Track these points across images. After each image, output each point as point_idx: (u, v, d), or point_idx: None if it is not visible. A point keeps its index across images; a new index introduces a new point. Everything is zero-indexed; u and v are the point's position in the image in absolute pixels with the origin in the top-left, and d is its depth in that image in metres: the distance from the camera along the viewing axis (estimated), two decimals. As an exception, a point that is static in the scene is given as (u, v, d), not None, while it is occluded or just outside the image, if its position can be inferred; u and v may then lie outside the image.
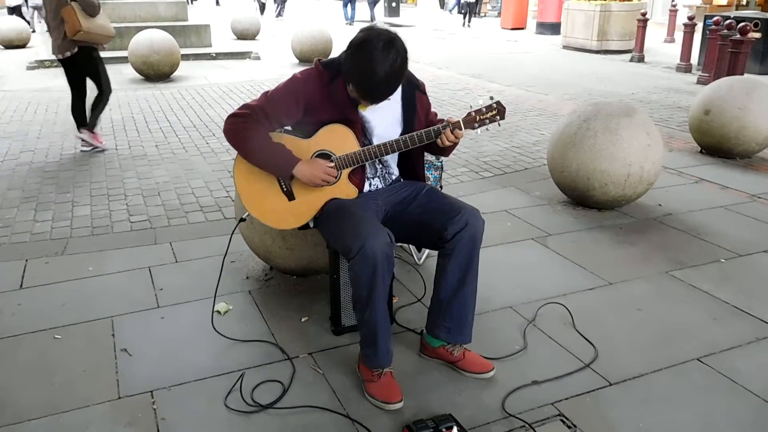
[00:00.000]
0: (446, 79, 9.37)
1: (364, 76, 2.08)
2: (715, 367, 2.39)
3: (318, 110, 2.27)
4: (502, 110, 2.31)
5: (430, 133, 2.26)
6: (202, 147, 5.67)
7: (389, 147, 2.27)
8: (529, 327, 2.65)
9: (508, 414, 2.11)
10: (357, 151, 2.28)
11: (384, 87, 2.12)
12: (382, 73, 2.05)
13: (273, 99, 2.26)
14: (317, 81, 2.27)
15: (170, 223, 3.89)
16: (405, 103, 2.38)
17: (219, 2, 30.75)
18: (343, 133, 2.29)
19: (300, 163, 2.25)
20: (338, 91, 2.26)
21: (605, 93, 8.43)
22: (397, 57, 2.06)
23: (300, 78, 2.29)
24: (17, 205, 4.16)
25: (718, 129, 5.06)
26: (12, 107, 7.36)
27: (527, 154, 5.42)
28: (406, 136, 2.26)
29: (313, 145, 2.30)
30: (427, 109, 2.46)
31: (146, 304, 2.84)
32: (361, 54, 2.07)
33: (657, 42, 14.10)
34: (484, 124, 2.31)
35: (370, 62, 2.04)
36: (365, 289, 2.09)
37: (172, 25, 11.76)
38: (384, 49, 2.04)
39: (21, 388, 2.26)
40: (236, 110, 2.27)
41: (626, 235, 3.63)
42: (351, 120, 2.28)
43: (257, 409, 2.15)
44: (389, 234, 2.11)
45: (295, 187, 2.34)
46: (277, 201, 2.36)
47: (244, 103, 2.29)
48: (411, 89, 2.40)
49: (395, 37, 2.09)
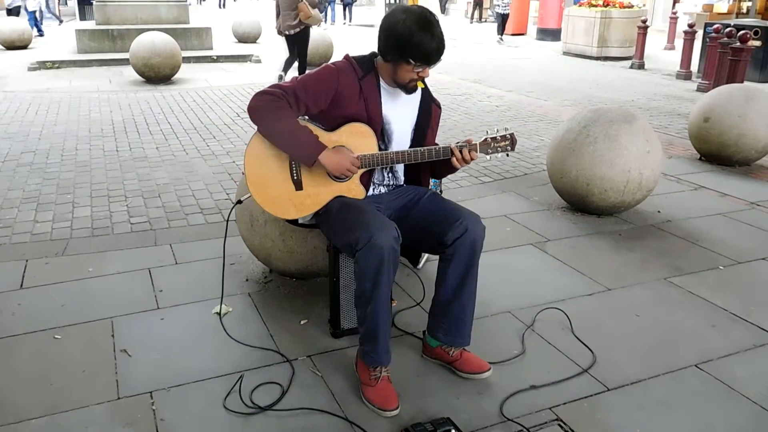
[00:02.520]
0: (446, 84, 9.40)
1: (420, 35, 2.14)
2: (713, 373, 2.40)
3: (346, 103, 2.28)
4: (514, 142, 2.39)
5: (448, 150, 2.30)
6: (203, 149, 5.68)
7: (408, 155, 2.30)
8: (528, 332, 2.66)
9: (506, 418, 2.12)
10: (378, 152, 2.30)
11: (441, 39, 2.18)
12: (437, 25, 2.17)
13: (305, 84, 2.27)
14: (351, 74, 2.30)
15: (170, 224, 3.90)
16: (422, 110, 2.44)
17: (224, 5, 30.83)
18: (366, 132, 2.30)
19: (327, 150, 2.24)
20: (369, 87, 2.29)
21: (605, 99, 8.45)
22: (433, 16, 2.22)
23: (334, 68, 2.31)
24: (18, 206, 4.17)
25: (717, 136, 5.08)
26: (13, 108, 7.37)
27: (527, 159, 5.44)
28: (424, 149, 2.30)
29: (335, 138, 2.30)
30: (438, 125, 2.52)
31: (146, 306, 2.84)
32: (409, 17, 2.15)
33: (657, 49, 14.16)
34: (496, 151, 2.37)
35: (422, 20, 2.15)
36: (370, 282, 2.09)
37: (174, 27, 11.80)
38: (422, 11, 2.19)
39: (21, 388, 2.27)
40: (266, 88, 2.27)
41: (625, 241, 3.64)
42: (373, 119, 2.31)
43: (256, 410, 2.15)
44: (396, 229, 2.13)
45: (306, 178, 2.33)
46: (283, 189, 2.34)
47: (274, 83, 2.30)
48: (429, 100, 2.46)
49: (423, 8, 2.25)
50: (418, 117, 2.44)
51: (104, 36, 11.85)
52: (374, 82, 2.31)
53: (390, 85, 2.33)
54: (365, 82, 2.29)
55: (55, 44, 13.59)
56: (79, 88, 8.80)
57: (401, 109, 2.39)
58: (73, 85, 9.15)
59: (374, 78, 2.32)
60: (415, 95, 2.41)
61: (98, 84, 9.17)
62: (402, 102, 2.38)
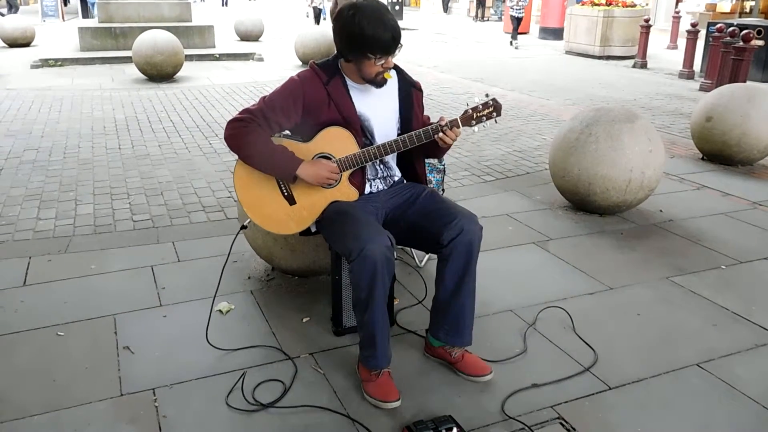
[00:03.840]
0: (449, 83, 9.39)
1: (374, 27, 2.14)
2: (715, 372, 2.40)
3: (317, 111, 2.29)
4: (498, 107, 2.34)
5: (428, 132, 2.28)
6: (205, 147, 5.68)
7: (388, 147, 2.29)
8: (530, 330, 2.66)
9: (507, 416, 2.12)
10: (357, 152, 2.29)
11: (394, 26, 2.18)
12: (387, 13, 2.18)
13: (272, 102, 2.29)
14: (315, 81, 2.30)
15: (173, 222, 3.91)
16: (402, 99, 2.42)
17: (226, 3, 30.85)
18: (343, 135, 2.31)
19: (303, 164, 2.26)
20: (337, 90, 2.29)
21: (607, 98, 8.44)
22: (382, 4, 2.24)
23: (297, 80, 2.32)
24: (20, 203, 4.18)
25: (719, 136, 5.07)
26: (16, 106, 7.38)
27: (529, 158, 5.44)
28: (404, 136, 2.28)
29: (313, 148, 2.32)
30: (422, 107, 2.51)
31: (148, 303, 2.85)
32: (358, 12, 2.16)
33: (660, 48, 14.14)
34: (481, 121, 2.34)
35: (371, 13, 2.15)
36: (364, 292, 2.11)
37: (176, 25, 11.81)
38: (369, 3, 2.20)
39: (23, 384, 2.27)
40: (236, 115, 2.29)
41: (627, 241, 3.64)
42: (349, 120, 2.31)
43: (258, 408, 2.16)
44: (389, 237, 2.13)
45: (296, 192, 2.35)
46: (278, 206, 2.37)
47: (244, 108, 2.31)
48: (407, 86, 2.45)
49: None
50: (400, 106, 2.42)
51: (107, 34, 11.86)
52: (340, 83, 2.31)
53: (359, 83, 2.33)
54: (331, 86, 2.30)
55: (57, 42, 13.60)
56: (81, 86, 8.81)
57: (378, 103, 2.37)
58: (76, 82, 9.16)
59: (340, 80, 2.32)
60: (391, 85, 2.39)
61: (101, 82, 9.18)
62: (377, 96, 2.36)
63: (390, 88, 2.39)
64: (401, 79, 2.44)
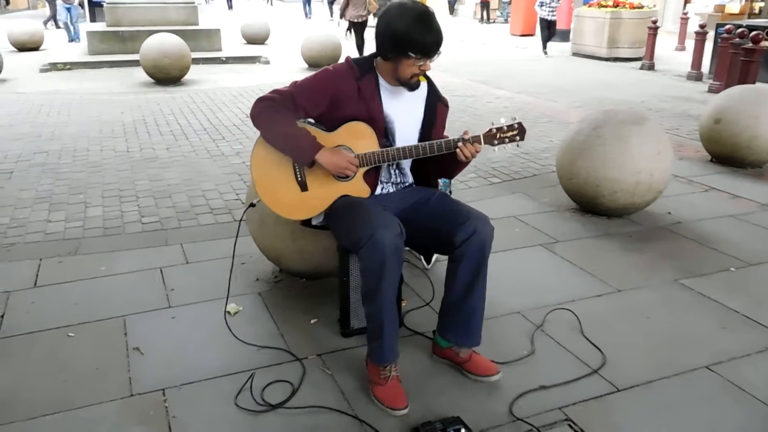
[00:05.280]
0: (455, 86, 9.39)
1: (418, 28, 2.16)
2: (724, 375, 2.39)
3: (345, 105, 2.30)
4: (522, 131, 2.36)
5: (450, 143, 2.30)
6: (213, 150, 5.71)
7: (408, 152, 2.30)
8: (537, 332, 2.66)
9: (515, 418, 2.12)
10: (378, 150, 2.30)
11: (438, 31, 2.20)
12: (434, 18, 2.19)
13: (302, 88, 2.32)
14: (349, 75, 2.32)
15: (181, 224, 3.93)
16: (428, 109, 2.44)
17: (231, 6, 30.96)
18: (366, 131, 2.31)
19: (324, 150, 2.27)
20: (368, 87, 2.31)
21: (615, 101, 8.42)
22: (429, 9, 2.25)
23: (331, 71, 2.34)
24: (30, 206, 4.21)
25: (729, 138, 5.05)
26: (25, 109, 7.45)
27: (536, 160, 5.43)
28: (425, 143, 2.29)
29: (335, 138, 2.32)
30: (444, 124, 2.52)
31: (158, 304, 2.87)
32: (406, 12, 2.17)
33: (668, 50, 14.08)
34: (503, 142, 2.36)
35: (418, 14, 2.16)
36: (373, 279, 2.10)
37: (183, 29, 11.89)
38: (417, 6, 2.20)
39: (34, 384, 2.29)
40: (265, 94, 2.32)
41: (635, 243, 3.63)
42: (375, 119, 2.32)
43: (267, 408, 2.17)
44: (400, 225, 2.13)
45: (310, 179, 2.36)
46: (289, 191, 2.37)
47: (274, 89, 2.34)
48: (435, 99, 2.46)
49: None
50: (424, 115, 2.44)
51: (114, 38, 11.95)
52: (373, 81, 2.33)
53: (391, 84, 2.34)
54: (363, 83, 2.31)
55: (65, 46, 13.69)
56: (89, 89, 8.88)
57: (405, 108, 2.39)
58: (84, 86, 9.23)
59: (373, 78, 2.33)
60: (420, 93, 2.41)
61: (109, 85, 9.25)
62: (405, 100, 2.38)
63: (419, 95, 2.41)
64: (431, 90, 2.45)
